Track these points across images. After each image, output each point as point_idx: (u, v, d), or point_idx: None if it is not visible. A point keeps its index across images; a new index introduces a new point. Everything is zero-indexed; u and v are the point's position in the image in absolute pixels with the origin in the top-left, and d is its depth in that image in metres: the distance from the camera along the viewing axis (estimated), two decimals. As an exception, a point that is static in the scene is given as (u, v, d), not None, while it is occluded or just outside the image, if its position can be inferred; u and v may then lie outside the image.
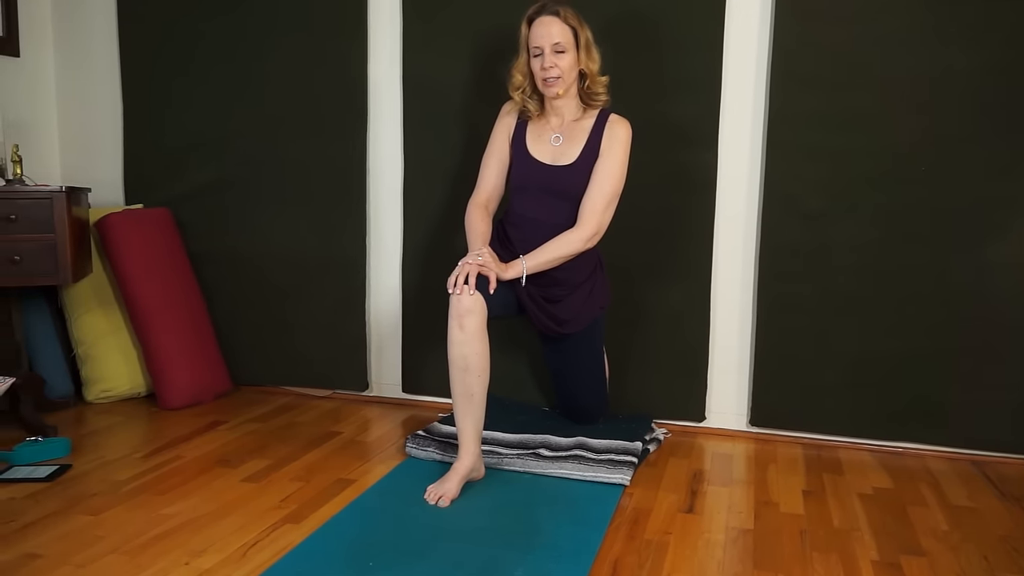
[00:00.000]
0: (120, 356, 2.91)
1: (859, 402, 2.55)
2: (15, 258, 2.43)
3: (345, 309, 2.97)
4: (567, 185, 2.28)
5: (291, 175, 2.96)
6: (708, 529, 1.96)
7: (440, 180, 2.82)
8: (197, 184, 3.06)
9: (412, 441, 2.43)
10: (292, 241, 2.98)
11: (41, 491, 2.09)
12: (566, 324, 2.35)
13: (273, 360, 3.06)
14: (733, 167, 2.61)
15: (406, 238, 2.90)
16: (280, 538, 1.85)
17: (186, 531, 1.88)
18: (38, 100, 3.16)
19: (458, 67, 2.75)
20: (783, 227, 2.55)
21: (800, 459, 2.48)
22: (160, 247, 2.92)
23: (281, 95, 2.93)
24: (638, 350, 2.71)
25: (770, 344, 2.60)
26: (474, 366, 2.09)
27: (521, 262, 2.19)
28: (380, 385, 3.03)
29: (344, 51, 2.85)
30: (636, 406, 2.71)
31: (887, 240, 2.48)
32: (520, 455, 2.34)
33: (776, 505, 2.12)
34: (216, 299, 3.07)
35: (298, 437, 2.56)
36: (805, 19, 2.46)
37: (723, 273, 2.66)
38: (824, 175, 2.50)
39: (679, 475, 2.32)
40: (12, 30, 3.00)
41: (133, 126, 3.12)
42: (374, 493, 2.12)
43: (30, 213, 2.44)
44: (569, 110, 2.31)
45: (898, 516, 2.07)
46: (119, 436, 2.57)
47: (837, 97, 2.46)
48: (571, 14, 2.22)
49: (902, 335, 2.49)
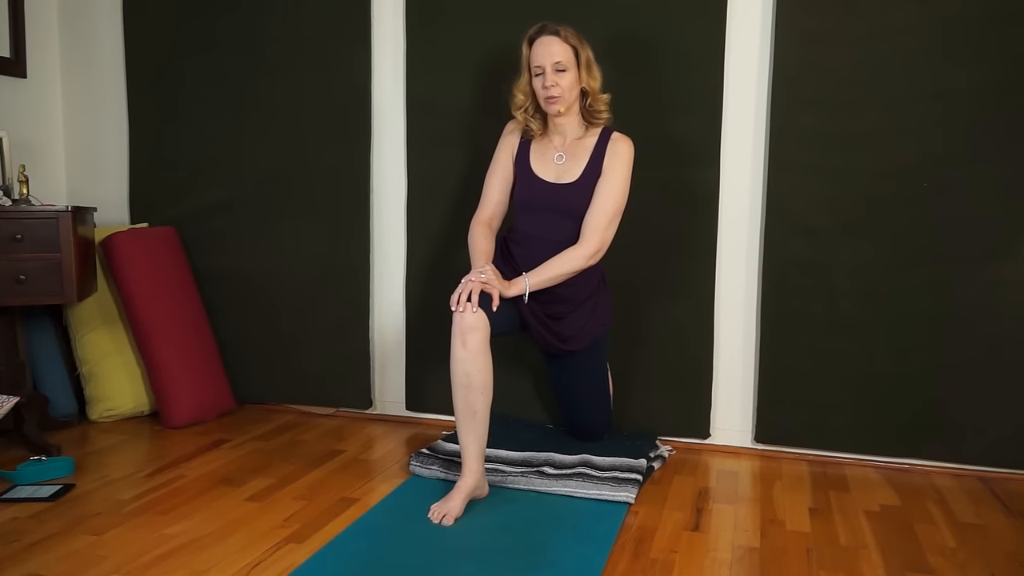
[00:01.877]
0: (124, 375, 2.92)
1: (865, 419, 2.54)
2: (21, 277, 2.44)
3: (349, 327, 2.97)
4: (570, 203, 2.29)
5: (294, 194, 2.98)
6: (714, 547, 1.95)
7: (443, 197, 2.83)
8: (202, 203, 3.08)
9: (416, 459, 2.43)
10: (295, 259, 3.00)
11: (44, 511, 2.09)
12: (569, 341, 2.35)
13: (276, 378, 3.06)
14: (735, 185, 2.62)
15: (409, 256, 2.91)
16: (283, 558, 1.84)
17: (189, 551, 1.87)
18: (44, 121, 3.19)
19: (461, 86, 2.77)
20: (786, 244, 2.55)
21: (806, 476, 2.47)
22: (165, 266, 2.93)
23: (285, 115, 2.96)
24: (642, 367, 2.70)
25: (774, 361, 2.60)
26: (477, 383, 2.09)
27: (524, 279, 2.19)
28: (384, 403, 3.03)
29: (348, 70, 2.88)
30: (640, 423, 2.70)
31: (890, 258, 2.48)
32: (524, 473, 2.33)
33: (782, 523, 2.11)
34: (220, 317, 3.08)
35: (301, 455, 2.56)
36: (805, 40, 2.47)
37: (726, 290, 2.66)
38: (827, 193, 2.50)
39: (684, 493, 2.31)
40: (20, 51, 3.04)
41: (138, 147, 3.14)
42: (378, 512, 2.11)
43: (36, 233, 2.46)
44: (571, 128, 2.33)
45: (905, 533, 2.06)
46: (122, 455, 2.56)
47: (838, 116, 2.47)
48: (571, 33, 2.24)
49: (907, 351, 2.49)
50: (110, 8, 3.12)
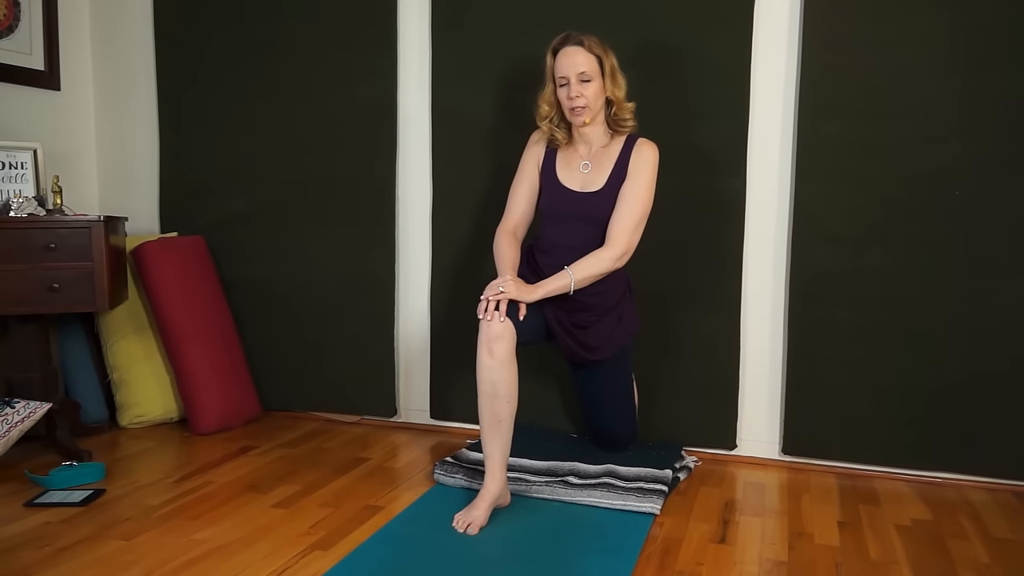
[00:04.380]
0: (153, 382, 2.96)
1: (895, 431, 2.50)
2: (54, 285, 2.48)
3: (374, 336, 2.99)
4: (595, 211, 2.28)
5: (321, 203, 3.01)
6: (741, 560, 1.93)
7: (468, 207, 2.84)
8: (229, 213, 3.12)
9: (440, 468, 2.43)
10: (322, 268, 3.02)
11: (75, 515, 2.12)
12: (595, 351, 2.34)
13: (302, 386, 3.09)
14: (762, 193, 2.60)
15: (434, 264, 2.92)
16: (309, 565, 1.85)
17: (217, 557, 1.88)
18: (77, 132, 3.25)
19: (486, 95, 2.78)
20: (814, 253, 2.53)
21: (834, 489, 2.43)
22: (194, 274, 2.97)
23: (312, 125, 2.99)
24: (667, 376, 2.69)
25: (802, 371, 2.57)
26: (502, 392, 2.09)
27: (567, 272, 2.19)
28: (408, 411, 3.04)
29: (374, 80, 2.91)
30: (665, 433, 2.68)
31: (921, 267, 2.44)
32: (549, 482, 2.32)
33: (811, 536, 2.08)
34: (247, 325, 3.11)
35: (327, 463, 2.57)
36: (832, 47, 2.46)
37: (753, 299, 2.63)
38: (855, 201, 2.48)
39: (710, 504, 2.28)
40: (53, 65, 3.10)
41: (168, 158, 3.19)
42: (402, 520, 2.11)
43: (69, 242, 2.50)
44: (597, 137, 2.33)
45: (937, 549, 2.02)
46: (152, 461, 2.60)
47: (867, 124, 2.44)
48: (595, 43, 2.23)
49: (939, 362, 2.45)
50: (141, 22, 3.19)
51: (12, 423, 2.40)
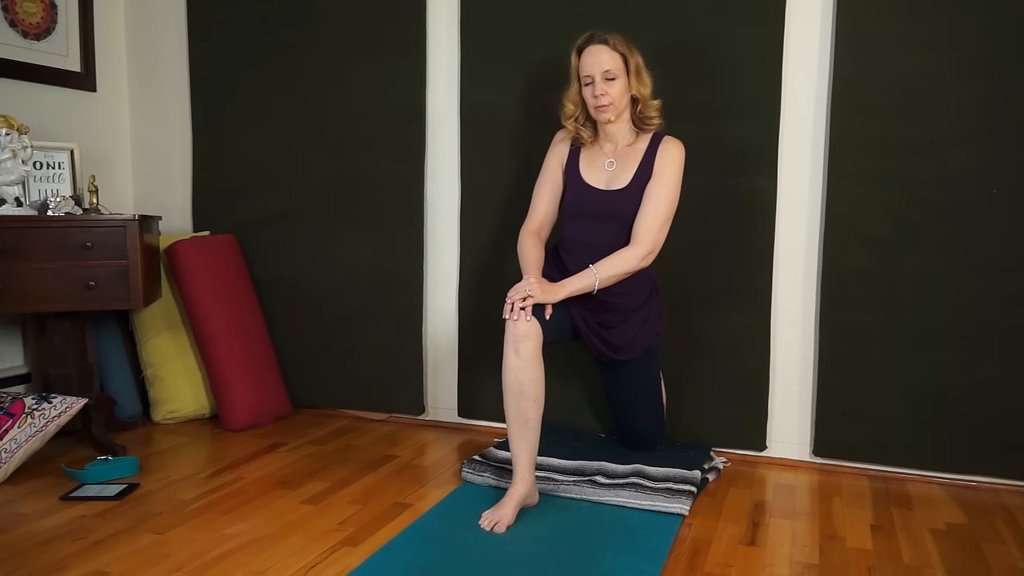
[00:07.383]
0: (186, 378, 3.00)
1: (928, 433, 2.46)
2: (90, 283, 2.53)
3: (402, 334, 3.00)
4: (621, 209, 2.27)
5: (350, 203, 3.03)
6: (771, 563, 1.91)
7: (496, 207, 2.85)
8: (260, 212, 3.15)
9: (468, 466, 2.44)
10: (351, 267, 3.05)
11: (110, 509, 2.16)
12: (621, 351, 2.33)
13: (331, 384, 3.11)
14: (793, 192, 2.57)
15: (462, 263, 2.93)
16: (338, 561, 1.86)
17: (248, 551, 1.91)
18: (113, 133, 3.31)
19: (514, 95, 2.78)
20: (846, 254, 2.49)
21: (867, 492, 2.40)
22: (226, 273, 3.01)
23: (341, 126, 3.01)
24: (696, 376, 2.67)
25: (834, 372, 2.54)
26: (529, 392, 2.09)
27: (592, 270, 2.18)
28: (436, 409, 3.05)
29: (403, 81, 2.92)
30: (694, 434, 2.67)
31: (955, 267, 2.40)
32: (576, 482, 2.32)
33: (842, 539, 2.05)
34: (278, 323, 3.15)
35: (355, 460, 2.59)
36: (865, 44, 2.42)
37: (783, 299, 2.61)
38: (889, 201, 2.44)
39: (740, 506, 2.26)
40: (90, 67, 3.16)
41: (201, 158, 3.24)
42: (430, 518, 2.12)
43: (105, 240, 2.55)
44: (622, 135, 2.32)
45: (972, 553, 1.98)
46: (184, 456, 2.64)
47: (899, 122, 2.40)
48: (620, 41, 2.22)
49: (973, 364, 2.40)
50: (175, 25, 3.23)
51: (49, 418, 2.45)
